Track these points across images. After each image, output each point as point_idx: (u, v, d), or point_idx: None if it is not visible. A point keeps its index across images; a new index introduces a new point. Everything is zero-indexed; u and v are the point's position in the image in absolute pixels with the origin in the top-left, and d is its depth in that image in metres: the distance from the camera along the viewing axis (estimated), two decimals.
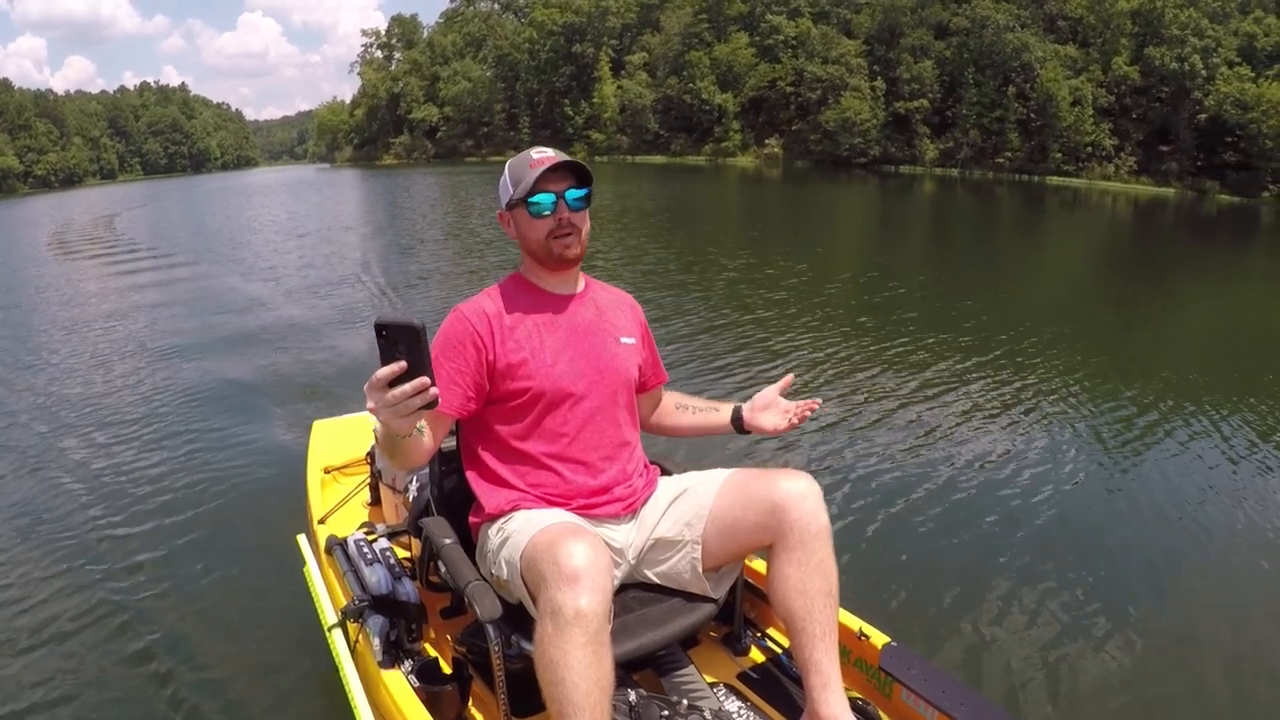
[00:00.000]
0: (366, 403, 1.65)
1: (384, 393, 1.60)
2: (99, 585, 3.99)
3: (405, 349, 1.57)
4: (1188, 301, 12.73)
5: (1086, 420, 6.49)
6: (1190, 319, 11.42)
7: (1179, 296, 13.12)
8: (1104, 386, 7.40)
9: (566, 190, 2.12)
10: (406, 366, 1.57)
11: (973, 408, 6.69)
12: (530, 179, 2.10)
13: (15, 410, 7.05)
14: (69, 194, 71.71)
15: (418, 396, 1.59)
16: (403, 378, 1.58)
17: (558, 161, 2.11)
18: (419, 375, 1.58)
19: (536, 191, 2.10)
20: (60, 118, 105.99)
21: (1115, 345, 9.21)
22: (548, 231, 2.13)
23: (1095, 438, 6.11)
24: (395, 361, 1.57)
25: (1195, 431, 6.22)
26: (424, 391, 1.59)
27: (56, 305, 12.43)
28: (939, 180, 49.34)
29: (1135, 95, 51.30)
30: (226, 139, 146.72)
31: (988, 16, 54.88)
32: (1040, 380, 7.47)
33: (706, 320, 9.84)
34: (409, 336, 1.57)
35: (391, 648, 2.27)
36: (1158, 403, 6.89)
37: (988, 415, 6.51)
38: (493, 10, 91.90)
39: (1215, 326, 11.11)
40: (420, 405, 1.61)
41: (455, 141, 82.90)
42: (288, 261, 16.23)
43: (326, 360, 8.26)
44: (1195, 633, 3.67)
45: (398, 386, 1.58)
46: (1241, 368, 8.52)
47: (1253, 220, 32.96)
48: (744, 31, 65.77)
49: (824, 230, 22.22)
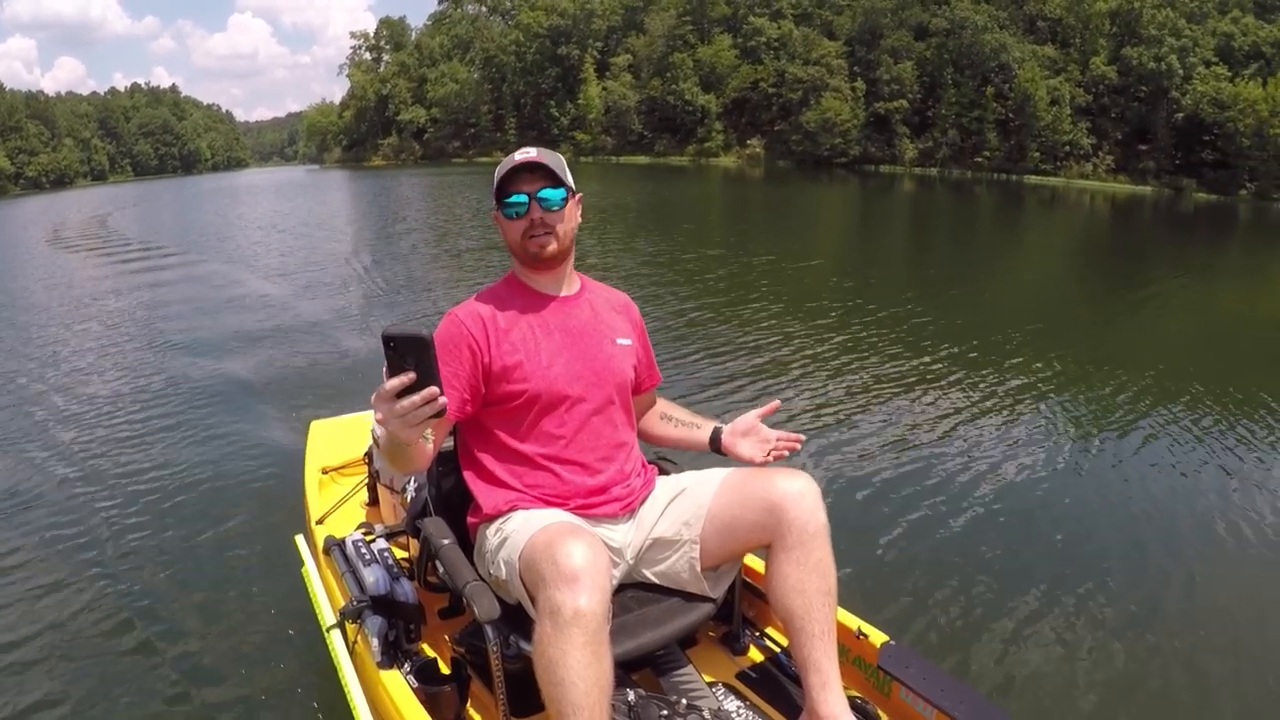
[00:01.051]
0: (374, 414, 1.65)
1: (393, 404, 1.58)
2: (95, 585, 3.93)
3: (414, 360, 1.56)
4: (1169, 297, 12.78)
5: (1083, 419, 6.51)
6: (1172, 314, 11.47)
7: (1160, 292, 13.14)
8: (1095, 383, 7.41)
9: (539, 190, 2.08)
10: (415, 378, 1.56)
11: (970, 406, 6.66)
12: (505, 182, 2.09)
13: (12, 406, 6.96)
14: (60, 195, 71.13)
15: (427, 406, 1.58)
16: (411, 388, 1.57)
17: (520, 163, 2.08)
18: (427, 386, 1.57)
19: (510, 193, 2.08)
20: (51, 119, 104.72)
21: (1101, 341, 9.21)
22: (522, 232, 2.11)
23: (1091, 436, 6.11)
24: (404, 373, 1.56)
25: (1183, 425, 6.24)
26: (433, 401, 1.58)
27: (54, 303, 12.31)
28: (918, 179, 49.52)
29: (1113, 95, 51.61)
30: (217, 140, 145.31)
31: (966, 18, 55.04)
32: (1036, 379, 7.47)
33: (689, 318, 9.81)
34: (417, 348, 1.56)
35: (390, 648, 2.24)
36: (1149, 399, 6.92)
37: (986, 414, 6.48)
38: (480, 13, 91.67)
39: (1198, 320, 11.20)
40: (429, 415, 1.60)
41: (442, 143, 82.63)
42: (277, 259, 16.14)
43: (325, 359, 8.11)
44: (1194, 631, 3.64)
45: (406, 397, 1.58)
46: (1226, 361, 8.56)
47: (1229, 218, 33.24)
48: (727, 33, 65.80)
49: (805, 229, 22.28)
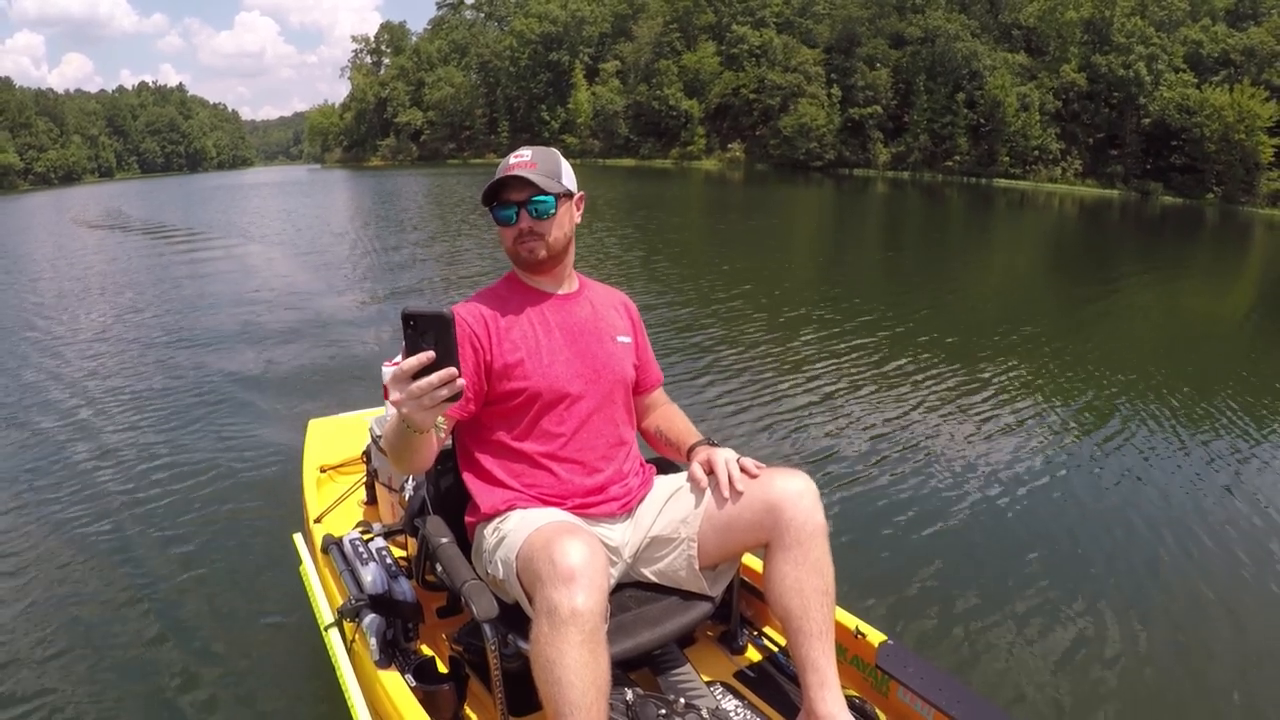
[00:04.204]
0: (389, 394, 1.58)
1: (409, 384, 1.52)
2: (90, 583, 3.81)
3: (433, 339, 1.50)
4: (1137, 296, 12.81)
5: (1079, 418, 6.46)
6: (1141, 310, 11.54)
7: (1128, 291, 13.16)
8: (1090, 383, 7.36)
9: (530, 199, 1.99)
10: (434, 357, 1.49)
11: (968, 406, 6.58)
12: (495, 187, 2.00)
13: (10, 402, 6.82)
14: (69, 190, 70.46)
15: (445, 388, 1.52)
16: (428, 369, 1.49)
17: (506, 176, 1.98)
18: (446, 366, 1.50)
19: (500, 202, 2.00)
20: (60, 116, 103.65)
21: (1087, 341, 9.13)
22: (513, 239, 2.03)
23: (1087, 435, 6.06)
24: (422, 352, 1.49)
25: (1167, 422, 6.23)
26: (451, 383, 1.52)
27: (58, 286, 12.26)
28: (891, 182, 49.62)
29: (1083, 101, 51.66)
30: (222, 139, 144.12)
31: (939, 27, 55.10)
32: (1037, 380, 7.41)
33: (677, 315, 9.75)
34: (438, 326, 1.49)
35: (388, 647, 2.16)
36: (1138, 398, 6.89)
37: (985, 414, 6.39)
38: (477, 19, 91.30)
39: (1166, 316, 11.28)
40: (446, 396, 1.54)
41: (438, 144, 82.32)
42: (280, 254, 16.00)
43: (325, 357, 7.89)
44: (1192, 629, 3.58)
45: (423, 378, 1.51)
46: (1195, 359, 8.56)
47: (1195, 220, 33.43)
48: (712, 40, 65.74)
49: (783, 228, 22.32)
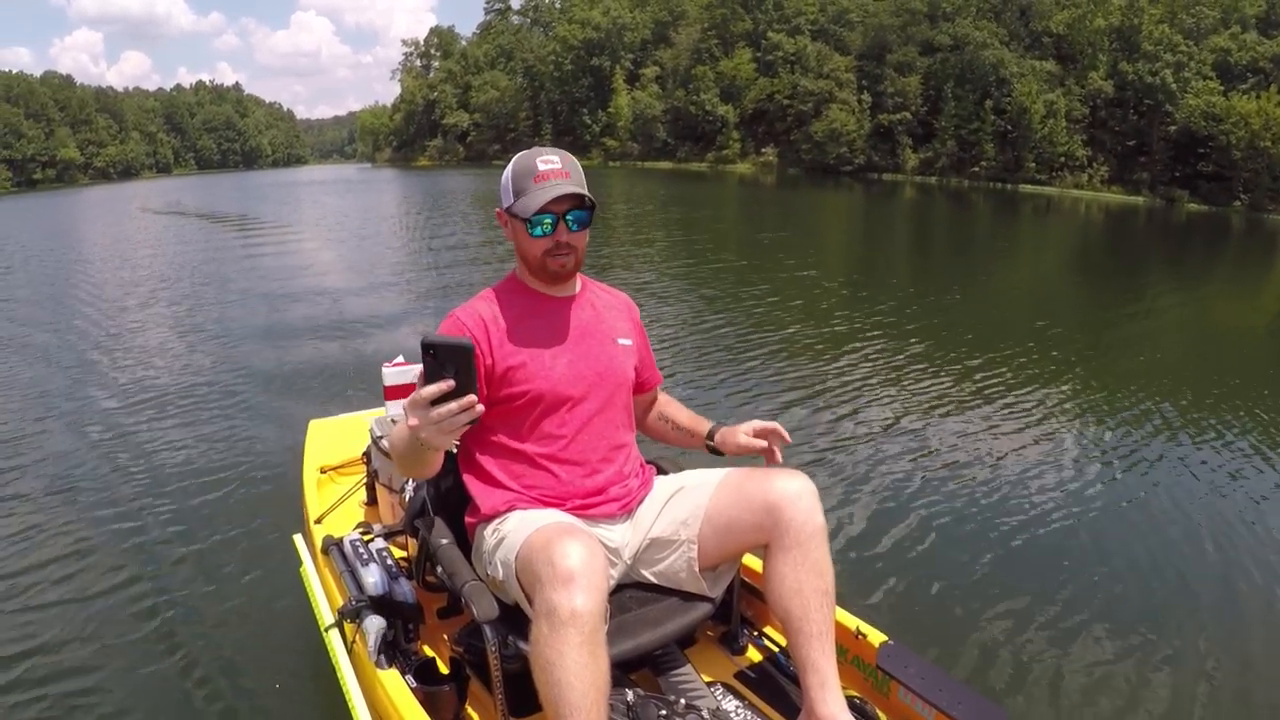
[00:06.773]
0: (407, 419, 1.57)
1: (428, 410, 1.52)
2: (90, 584, 3.76)
3: (455, 369, 1.50)
4: (1161, 302, 12.50)
5: (1078, 418, 6.31)
6: (1170, 318, 11.23)
7: (1153, 298, 12.86)
8: (1094, 388, 7.21)
9: (568, 211, 1.91)
10: (454, 385, 1.50)
11: (968, 406, 6.46)
12: (532, 199, 1.89)
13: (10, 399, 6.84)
14: (127, 185, 71.67)
15: (464, 414, 1.52)
16: (448, 396, 1.50)
17: (549, 180, 1.89)
18: (467, 394, 1.51)
19: (537, 210, 1.89)
20: (119, 113, 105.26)
21: (1099, 346, 8.95)
22: (544, 250, 1.94)
23: (1085, 436, 5.92)
24: (442, 380, 1.49)
25: (1177, 429, 6.06)
26: (470, 409, 1.52)
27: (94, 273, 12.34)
28: (919, 187, 49.00)
29: (1111, 108, 50.69)
30: (277, 137, 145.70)
31: (967, 35, 54.36)
32: (1032, 379, 7.26)
33: (705, 315, 9.69)
34: (460, 357, 1.50)
35: (388, 648, 2.11)
36: (1146, 403, 6.71)
37: (982, 414, 6.28)
38: (523, 24, 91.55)
39: (1196, 324, 10.94)
40: (466, 422, 1.54)
41: (484, 146, 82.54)
42: (313, 249, 16.10)
43: (326, 357, 7.81)
44: (1192, 630, 3.46)
45: (442, 405, 1.51)
46: (1221, 368, 8.29)
47: (1222, 227, 32.59)
48: (749, 47, 65.41)
49: (814, 232, 22.15)
